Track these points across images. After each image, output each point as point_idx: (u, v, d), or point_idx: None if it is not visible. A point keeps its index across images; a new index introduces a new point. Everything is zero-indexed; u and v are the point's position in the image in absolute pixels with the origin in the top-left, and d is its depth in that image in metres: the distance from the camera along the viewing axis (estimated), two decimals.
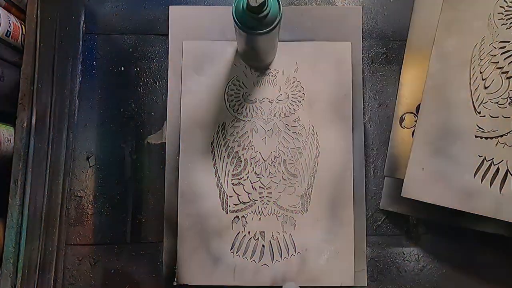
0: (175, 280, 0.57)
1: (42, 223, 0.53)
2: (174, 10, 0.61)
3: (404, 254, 0.59)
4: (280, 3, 0.46)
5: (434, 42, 0.52)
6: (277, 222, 0.57)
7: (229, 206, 0.58)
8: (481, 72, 0.50)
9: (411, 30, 0.58)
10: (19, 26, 0.52)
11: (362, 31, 0.61)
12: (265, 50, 0.54)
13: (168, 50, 0.60)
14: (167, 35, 0.61)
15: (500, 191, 0.48)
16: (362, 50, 0.61)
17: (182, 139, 0.58)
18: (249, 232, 0.57)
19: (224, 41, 0.60)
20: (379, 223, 0.59)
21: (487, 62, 0.50)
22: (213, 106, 0.59)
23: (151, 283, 0.58)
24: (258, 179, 0.58)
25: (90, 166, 0.60)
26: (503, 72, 0.50)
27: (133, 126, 0.61)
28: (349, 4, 0.63)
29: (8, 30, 0.50)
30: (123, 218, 0.59)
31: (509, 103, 0.49)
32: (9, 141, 0.50)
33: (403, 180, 0.51)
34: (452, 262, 0.58)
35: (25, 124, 0.50)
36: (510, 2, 0.50)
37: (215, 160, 0.58)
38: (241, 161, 0.58)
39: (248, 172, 0.58)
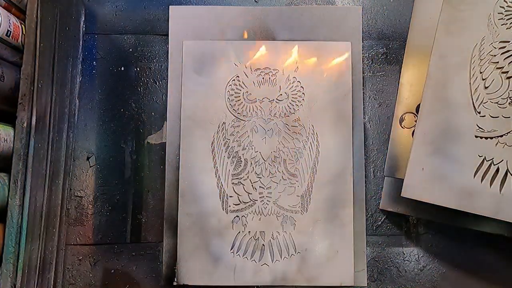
0: (175, 280, 0.57)
1: (42, 223, 0.53)
2: (174, 10, 0.61)
3: (404, 254, 0.59)
4: None
5: (434, 42, 0.52)
6: (277, 222, 0.57)
7: (229, 206, 0.58)
8: (481, 72, 0.50)
9: (411, 30, 0.58)
10: (19, 26, 0.52)
11: (362, 31, 0.61)
12: None
13: (168, 50, 0.60)
14: (167, 35, 0.61)
15: (500, 191, 0.48)
16: (362, 50, 0.61)
17: (182, 139, 0.58)
18: (249, 232, 0.57)
19: (224, 41, 0.60)
20: (379, 223, 0.59)
21: (487, 62, 0.50)
22: (213, 106, 0.59)
23: (151, 283, 0.58)
24: (258, 179, 0.58)
25: (90, 166, 0.60)
26: (503, 72, 0.50)
27: (133, 126, 0.61)
28: (349, 4, 0.63)
29: (8, 30, 0.50)
30: (123, 218, 0.59)
31: (509, 103, 0.49)
32: (5, 141, 0.49)
33: (403, 180, 0.51)
34: (452, 262, 0.58)
35: (25, 124, 0.50)
36: (510, 2, 0.50)
37: (215, 160, 0.58)
38: (241, 161, 0.58)
39: (248, 172, 0.58)
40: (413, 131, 0.54)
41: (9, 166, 0.49)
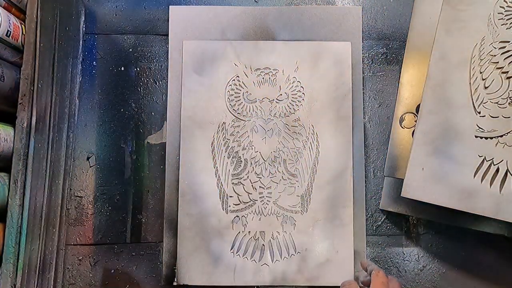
0: (175, 280, 0.57)
1: (42, 223, 0.53)
2: (174, 10, 0.61)
3: (404, 254, 0.59)
4: None
5: (434, 42, 0.51)
6: (277, 222, 0.57)
7: (229, 206, 0.58)
8: (481, 72, 0.50)
9: (411, 30, 0.58)
10: (19, 26, 0.52)
11: (362, 31, 0.61)
12: None
13: (168, 50, 0.60)
14: (167, 35, 0.61)
15: (500, 191, 0.48)
16: (362, 50, 0.61)
17: (182, 139, 0.58)
18: (249, 232, 0.57)
19: (224, 41, 0.60)
20: (379, 223, 0.59)
21: (487, 62, 0.50)
22: (213, 106, 0.59)
23: (151, 283, 0.58)
24: (258, 179, 0.58)
25: (90, 166, 0.60)
26: (503, 72, 0.50)
27: (133, 126, 0.61)
28: (349, 4, 0.63)
29: (8, 30, 0.50)
30: (123, 218, 0.59)
31: (509, 103, 0.49)
32: (5, 141, 0.49)
33: (403, 180, 0.51)
34: (452, 262, 0.58)
35: (25, 124, 0.50)
36: (510, 2, 0.50)
37: (215, 160, 0.58)
38: (241, 161, 0.58)
39: (248, 172, 0.58)
40: (413, 131, 0.54)
41: (9, 166, 0.49)
